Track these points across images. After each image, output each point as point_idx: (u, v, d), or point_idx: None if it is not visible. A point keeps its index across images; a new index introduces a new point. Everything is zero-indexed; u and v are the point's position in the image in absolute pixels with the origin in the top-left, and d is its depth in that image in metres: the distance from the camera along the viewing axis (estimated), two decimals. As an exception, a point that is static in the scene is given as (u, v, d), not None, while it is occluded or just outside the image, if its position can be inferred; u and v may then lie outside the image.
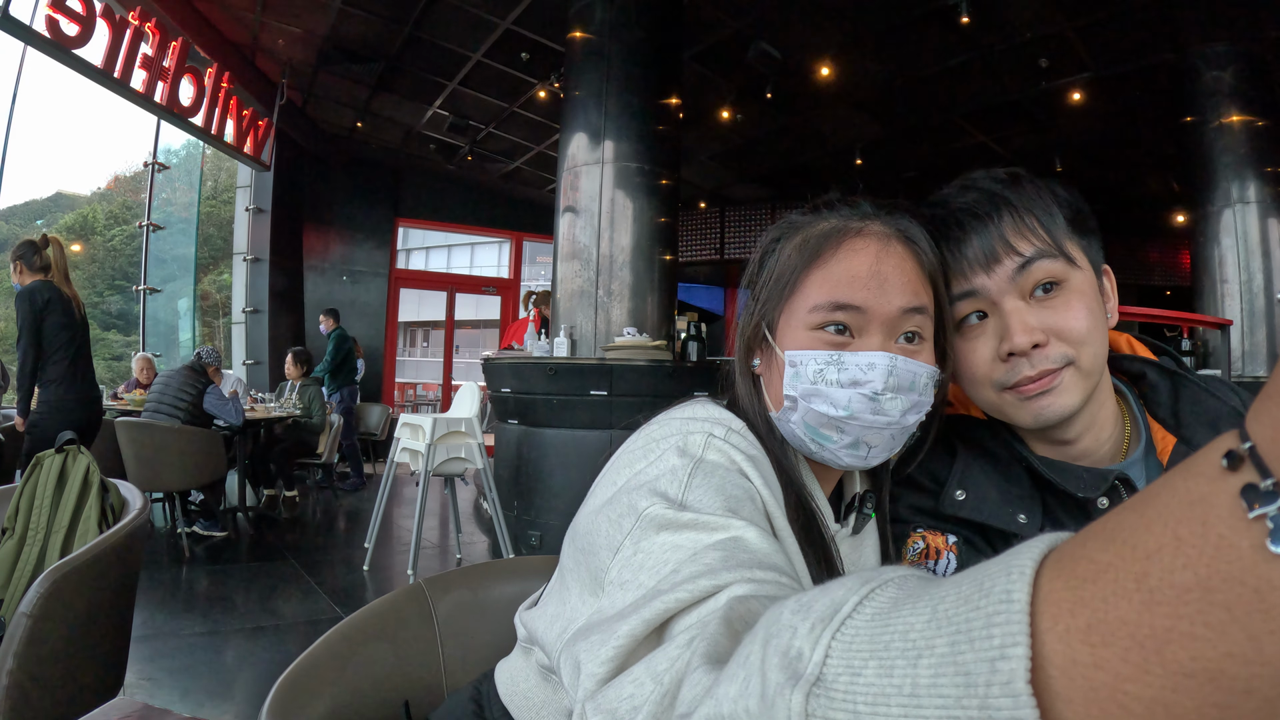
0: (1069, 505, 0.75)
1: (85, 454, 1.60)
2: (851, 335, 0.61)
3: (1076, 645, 0.17)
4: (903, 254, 0.63)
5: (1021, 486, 0.75)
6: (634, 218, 4.70)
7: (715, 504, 0.49)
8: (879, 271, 0.60)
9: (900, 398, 0.60)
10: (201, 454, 4.12)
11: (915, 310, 0.61)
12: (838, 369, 0.60)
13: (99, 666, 1.30)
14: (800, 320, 0.63)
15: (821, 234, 0.64)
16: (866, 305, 0.60)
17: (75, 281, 3.57)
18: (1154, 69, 6.17)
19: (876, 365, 0.59)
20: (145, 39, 5.63)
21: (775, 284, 0.65)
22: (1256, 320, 5.13)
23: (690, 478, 0.53)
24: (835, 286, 0.61)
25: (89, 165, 16.93)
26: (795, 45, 6.15)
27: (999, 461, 0.77)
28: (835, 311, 0.61)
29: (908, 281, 0.61)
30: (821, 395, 0.60)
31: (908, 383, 0.60)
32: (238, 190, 8.83)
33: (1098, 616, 0.17)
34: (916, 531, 0.76)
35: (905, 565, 0.75)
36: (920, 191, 3.69)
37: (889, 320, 0.61)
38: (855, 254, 0.61)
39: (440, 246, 13.75)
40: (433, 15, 6.13)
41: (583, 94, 4.82)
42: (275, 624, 2.96)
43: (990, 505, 0.73)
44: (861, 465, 0.65)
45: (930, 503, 0.77)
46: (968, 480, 0.76)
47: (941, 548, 0.74)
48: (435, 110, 7.96)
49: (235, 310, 8.77)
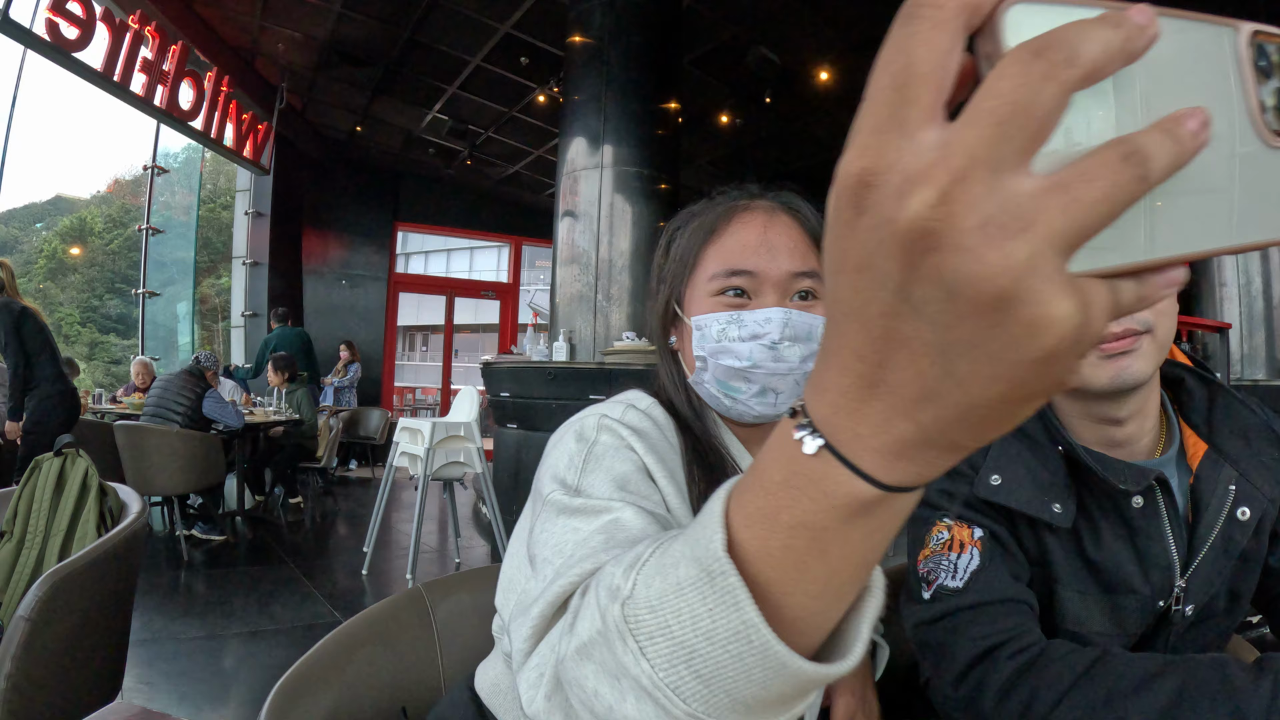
0: (1102, 499, 0.74)
1: (84, 457, 1.60)
2: (749, 297, 0.67)
3: (742, 526, 0.30)
4: (788, 223, 0.69)
5: (1057, 474, 0.74)
6: (633, 222, 4.70)
7: (604, 486, 0.56)
8: (767, 239, 0.67)
9: (798, 345, 0.66)
10: (200, 458, 4.11)
11: (804, 274, 0.67)
12: (738, 326, 0.66)
13: (97, 670, 1.30)
14: (702, 290, 0.69)
15: (715, 214, 0.70)
16: (758, 269, 0.67)
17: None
18: (1151, 74, 6.19)
19: (773, 319, 0.65)
20: (145, 43, 5.64)
21: (679, 264, 0.71)
22: (1255, 323, 5.14)
23: (585, 462, 0.60)
24: (729, 255, 0.67)
25: (88, 169, 17.07)
26: (794, 50, 6.16)
27: (1036, 446, 0.75)
28: (731, 277, 0.67)
29: (795, 247, 0.68)
30: (727, 351, 0.66)
31: (804, 332, 0.66)
32: (237, 194, 8.84)
33: (747, 509, 0.30)
34: (944, 520, 0.75)
35: (924, 554, 0.75)
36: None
37: (780, 282, 0.67)
38: (745, 226, 0.68)
39: (439, 251, 13.76)
40: (432, 20, 6.15)
41: (582, 98, 4.83)
42: (273, 628, 2.95)
43: (1025, 492, 0.72)
44: (773, 413, 0.69)
45: (964, 488, 0.75)
46: (1003, 464, 0.74)
47: (966, 542, 0.73)
48: (434, 115, 7.98)
49: (234, 314, 8.78)
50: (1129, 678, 0.58)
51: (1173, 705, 0.56)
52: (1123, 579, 0.73)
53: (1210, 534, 0.74)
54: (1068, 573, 0.74)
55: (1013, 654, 0.64)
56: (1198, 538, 0.75)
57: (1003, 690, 0.62)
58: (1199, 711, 0.55)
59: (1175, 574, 0.74)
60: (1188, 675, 0.57)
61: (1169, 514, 0.74)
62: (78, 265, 14.65)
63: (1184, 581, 0.74)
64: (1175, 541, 0.74)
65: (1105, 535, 0.74)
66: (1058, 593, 0.74)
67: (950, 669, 0.67)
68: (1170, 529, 0.74)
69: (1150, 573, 0.73)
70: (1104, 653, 0.62)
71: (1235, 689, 0.56)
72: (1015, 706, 0.61)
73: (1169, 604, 0.74)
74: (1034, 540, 0.75)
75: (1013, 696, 0.62)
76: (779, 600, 0.29)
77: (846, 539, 0.28)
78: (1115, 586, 0.73)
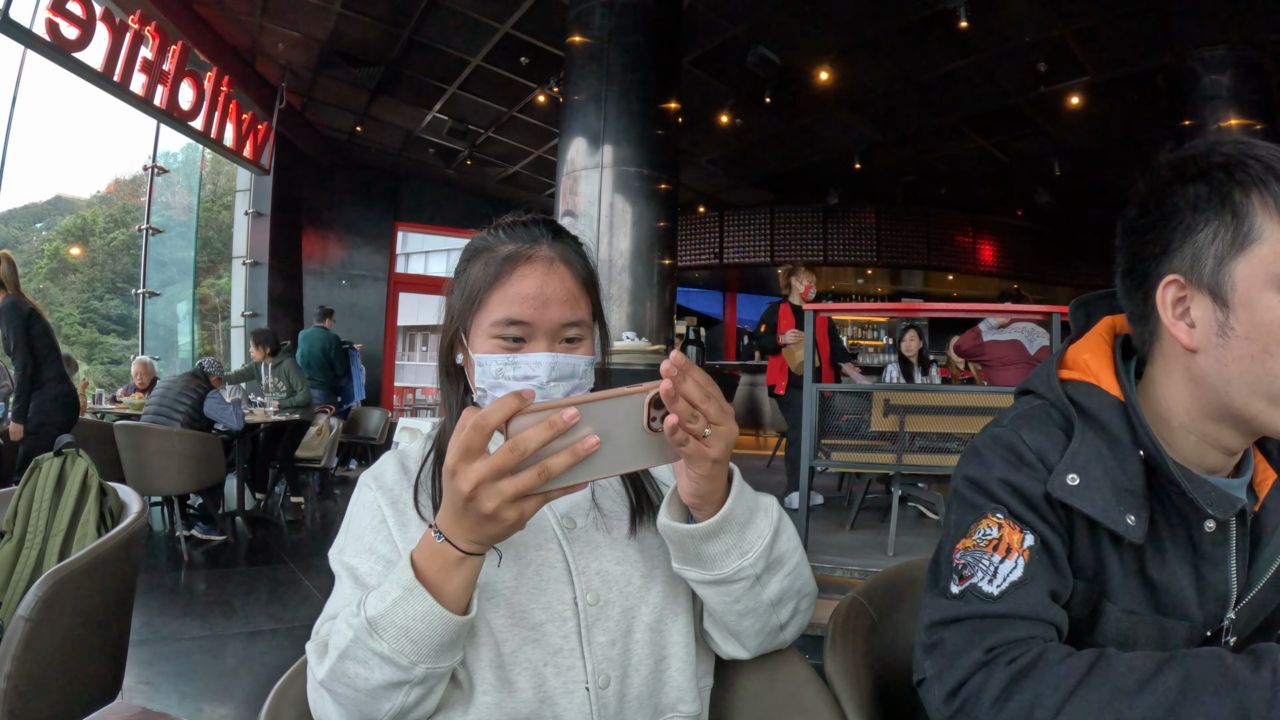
0: (1173, 516, 0.70)
1: (84, 457, 1.60)
2: (524, 341, 0.78)
3: (419, 566, 0.65)
4: (564, 274, 0.80)
5: (1135, 482, 0.68)
6: (633, 222, 4.70)
7: (353, 549, 0.77)
8: (543, 293, 0.78)
9: (563, 383, 0.78)
10: (200, 458, 4.11)
11: (572, 324, 0.80)
12: (513, 367, 0.78)
13: (97, 670, 1.30)
14: (485, 329, 0.79)
15: (503, 257, 0.80)
16: (533, 320, 0.78)
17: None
18: (1152, 73, 6.19)
19: (542, 363, 0.78)
20: (145, 43, 5.64)
21: (467, 299, 0.81)
22: None
23: (346, 526, 0.81)
24: (510, 305, 0.78)
25: (88, 169, 17.01)
26: (794, 50, 6.16)
27: (1115, 445, 0.69)
28: (509, 326, 0.78)
29: (567, 298, 0.79)
30: (502, 386, 0.78)
31: (568, 372, 0.79)
32: (237, 194, 8.84)
33: (423, 554, 0.65)
34: (996, 516, 0.69)
35: (966, 544, 0.70)
36: (920, 193, 3.76)
37: (551, 330, 0.78)
38: (525, 279, 0.78)
39: (440, 251, 13.75)
40: (432, 19, 6.15)
41: (582, 98, 4.83)
42: (274, 628, 2.96)
43: (1103, 498, 0.67)
44: None
45: (1030, 482, 0.69)
46: (1080, 462, 0.68)
47: (1014, 548, 0.67)
48: (434, 114, 7.98)
49: (234, 314, 8.78)
50: (1131, 677, 0.58)
51: (1177, 702, 0.55)
52: (1179, 603, 0.70)
53: (1268, 568, 0.72)
54: (1122, 590, 0.70)
55: (1011, 659, 0.62)
56: (1255, 570, 0.72)
57: (1001, 696, 0.61)
58: (1203, 705, 0.55)
59: (1230, 605, 0.72)
60: (1188, 670, 0.57)
61: (1238, 543, 0.71)
62: (78, 265, 14.65)
63: (1234, 613, 0.72)
64: (1237, 572, 0.71)
65: (1170, 555, 0.70)
66: (1105, 609, 0.70)
67: (952, 675, 0.65)
68: (1235, 559, 0.71)
69: (1206, 601, 0.70)
70: (1102, 653, 0.61)
71: (1236, 680, 0.55)
72: (1015, 712, 0.60)
73: (1217, 634, 0.72)
74: (1091, 551, 0.70)
75: (1012, 702, 0.60)
76: (438, 596, 0.63)
77: (459, 569, 0.63)
78: (1169, 609, 0.70)
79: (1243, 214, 0.63)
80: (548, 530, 0.79)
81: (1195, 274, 0.66)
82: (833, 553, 3.32)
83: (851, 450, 3.54)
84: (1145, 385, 0.73)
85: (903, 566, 1.06)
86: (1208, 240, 0.65)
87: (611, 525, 0.81)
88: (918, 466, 3.30)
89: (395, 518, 0.78)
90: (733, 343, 12.99)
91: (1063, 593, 0.69)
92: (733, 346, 12.89)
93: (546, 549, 0.77)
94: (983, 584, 0.67)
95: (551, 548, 0.78)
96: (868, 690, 0.87)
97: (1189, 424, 0.70)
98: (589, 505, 0.82)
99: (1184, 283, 0.67)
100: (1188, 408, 0.69)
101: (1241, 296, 0.63)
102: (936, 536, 0.78)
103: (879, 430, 3.42)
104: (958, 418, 3.35)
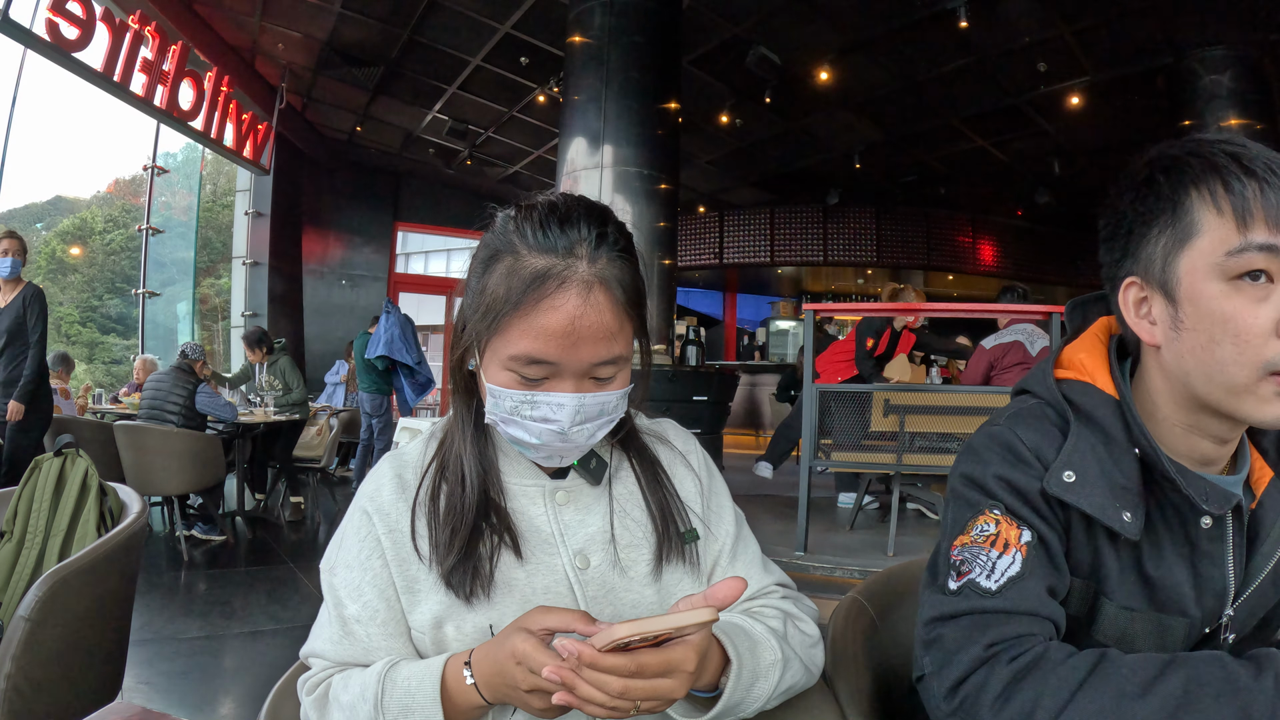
0: (1169, 513, 0.70)
1: (84, 457, 1.60)
2: (547, 378, 0.68)
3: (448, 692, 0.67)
4: (601, 302, 0.67)
5: (1130, 478, 0.69)
6: (633, 222, 4.70)
7: (343, 579, 0.73)
8: (575, 329, 0.66)
9: (588, 425, 0.70)
10: (200, 458, 4.11)
11: (605, 363, 0.68)
12: (531, 406, 0.68)
13: (97, 670, 1.30)
14: (502, 360, 0.69)
15: (529, 275, 0.67)
16: (560, 360, 0.67)
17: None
18: (1152, 73, 6.19)
19: (565, 406, 0.68)
20: (145, 43, 5.64)
21: (485, 314, 0.69)
22: None
23: (340, 543, 0.75)
24: (534, 342, 0.66)
25: (88, 169, 16.96)
26: (794, 50, 6.16)
27: (1111, 443, 0.70)
28: (530, 365, 0.67)
29: (601, 333, 0.67)
30: (517, 424, 0.70)
31: (595, 413, 0.70)
32: (237, 194, 8.84)
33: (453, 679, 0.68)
34: (993, 512, 0.69)
35: (963, 540, 0.70)
36: (920, 193, 3.75)
37: (580, 371, 0.68)
38: (554, 311, 0.66)
39: (439, 251, 13.75)
40: (432, 19, 6.15)
41: (582, 98, 4.83)
42: (274, 628, 2.95)
43: (1099, 494, 0.67)
44: (557, 465, 0.76)
45: (1026, 480, 0.70)
46: (1076, 459, 0.69)
47: (1012, 543, 0.67)
48: (434, 114, 7.98)
49: (234, 314, 8.78)
50: (1134, 679, 0.57)
51: (1180, 706, 0.55)
52: (1176, 600, 0.70)
53: (1266, 564, 0.72)
54: (1119, 587, 0.70)
55: (1012, 658, 0.62)
56: (1253, 567, 0.72)
57: (1002, 695, 0.60)
58: (1206, 710, 0.55)
59: (1228, 601, 0.72)
60: (1191, 674, 0.57)
61: (1234, 540, 0.71)
62: (78, 265, 14.65)
63: (1233, 610, 0.72)
64: (1234, 568, 0.72)
65: (1167, 552, 0.70)
66: (1102, 607, 0.70)
67: (952, 671, 0.65)
68: (1232, 555, 0.71)
69: (1203, 597, 0.71)
70: (1104, 654, 0.61)
71: (1239, 686, 0.55)
72: (1016, 712, 0.60)
73: (1215, 630, 0.72)
74: (1088, 548, 0.71)
75: (1013, 702, 0.60)
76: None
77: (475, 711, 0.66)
78: (1167, 606, 0.70)
79: (1183, 210, 0.65)
80: (558, 572, 0.73)
81: (1150, 273, 0.68)
82: (833, 553, 3.32)
83: (851, 450, 3.54)
84: (1137, 383, 0.75)
85: (903, 566, 1.06)
86: (1156, 239, 0.67)
87: (630, 563, 0.75)
88: (918, 466, 3.30)
89: (393, 549, 0.73)
90: (733, 343, 12.99)
91: (1060, 589, 0.69)
92: (733, 346, 12.89)
93: (556, 596, 0.72)
94: (981, 579, 0.67)
95: (561, 590, 0.73)
96: (868, 690, 0.87)
97: (1171, 416, 0.71)
98: (607, 538, 0.76)
99: (1141, 283, 0.69)
100: (1166, 401, 0.71)
101: (1186, 290, 0.65)
102: (936, 536, 0.77)
103: (879, 430, 3.42)
104: (958, 418, 3.35)
